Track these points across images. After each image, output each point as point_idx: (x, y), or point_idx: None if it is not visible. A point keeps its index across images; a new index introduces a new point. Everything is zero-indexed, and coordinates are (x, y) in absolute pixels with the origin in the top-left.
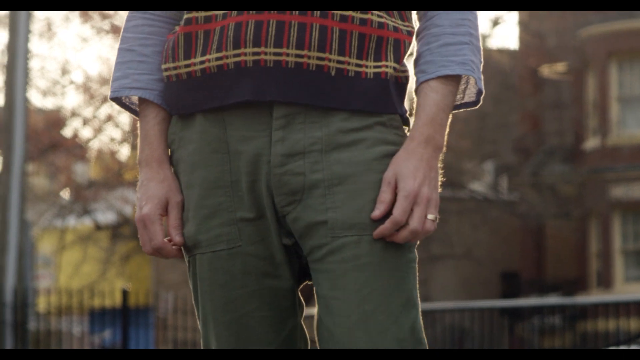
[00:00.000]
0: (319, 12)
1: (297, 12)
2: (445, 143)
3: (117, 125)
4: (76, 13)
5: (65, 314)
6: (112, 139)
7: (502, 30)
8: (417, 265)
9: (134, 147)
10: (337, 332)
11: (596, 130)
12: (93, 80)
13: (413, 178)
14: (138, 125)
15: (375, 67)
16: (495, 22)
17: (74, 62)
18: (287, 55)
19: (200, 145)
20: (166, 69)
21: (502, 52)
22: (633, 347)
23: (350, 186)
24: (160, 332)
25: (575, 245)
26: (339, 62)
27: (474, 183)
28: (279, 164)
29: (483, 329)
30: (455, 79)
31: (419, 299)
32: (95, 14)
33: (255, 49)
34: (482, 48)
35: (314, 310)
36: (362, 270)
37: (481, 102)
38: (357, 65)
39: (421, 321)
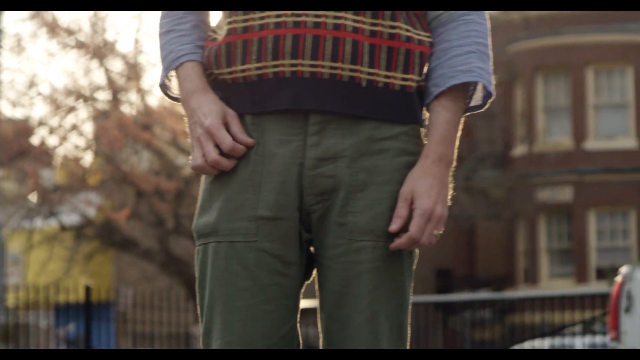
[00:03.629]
0: (351, 28)
1: (331, 27)
2: (455, 157)
3: (81, 134)
4: (44, 29)
5: (32, 308)
6: (76, 147)
7: None
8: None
9: (96, 154)
10: (351, 325)
11: (524, 138)
12: (59, 92)
13: (429, 196)
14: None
15: (402, 79)
16: None
17: (41, 75)
18: (322, 67)
19: None
20: (210, 74)
21: None
22: (556, 339)
23: (371, 194)
24: (121, 326)
25: (504, 245)
26: (369, 73)
27: None
28: (312, 166)
29: (419, 322)
30: (464, 88)
31: (410, 299)
32: (61, 31)
33: (293, 61)
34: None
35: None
36: (375, 273)
37: (487, 106)
38: (386, 76)
39: (408, 320)
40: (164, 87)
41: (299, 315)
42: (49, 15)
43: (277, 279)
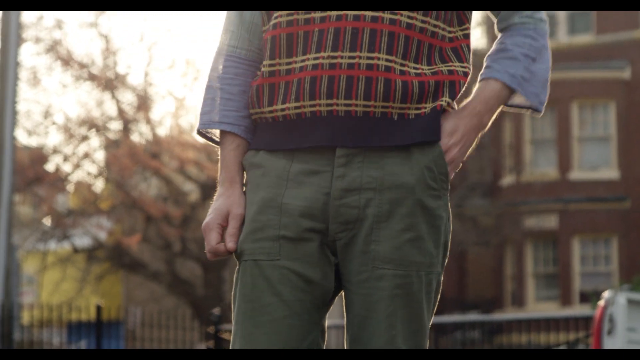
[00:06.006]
0: (383, 66)
1: (364, 68)
2: (486, 130)
3: (93, 162)
4: (58, 63)
5: (46, 326)
6: (89, 173)
7: None
8: (437, 295)
9: (108, 181)
10: (371, 347)
11: (512, 169)
12: (72, 122)
13: (449, 137)
14: (219, 152)
15: (432, 103)
16: None
17: (56, 106)
18: (356, 105)
19: (267, 171)
20: (252, 114)
21: None
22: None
23: (394, 225)
24: (130, 343)
25: (493, 269)
26: (400, 108)
27: None
28: (338, 196)
29: None
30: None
31: (430, 323)
32: (75, 64)
33: (329, 101)
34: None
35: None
36: (393, 299)
37: (542, 112)
38: (417, 108)
39: (427, 343)
40: (201, 133)
41: (324, 331)
42: (63, 49)
43: (300, 295)
